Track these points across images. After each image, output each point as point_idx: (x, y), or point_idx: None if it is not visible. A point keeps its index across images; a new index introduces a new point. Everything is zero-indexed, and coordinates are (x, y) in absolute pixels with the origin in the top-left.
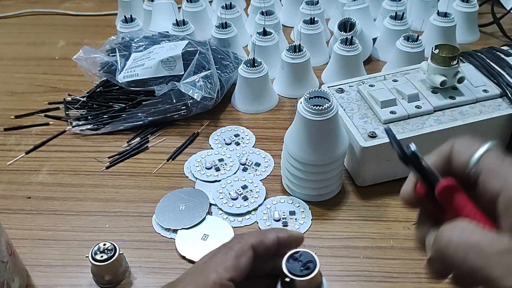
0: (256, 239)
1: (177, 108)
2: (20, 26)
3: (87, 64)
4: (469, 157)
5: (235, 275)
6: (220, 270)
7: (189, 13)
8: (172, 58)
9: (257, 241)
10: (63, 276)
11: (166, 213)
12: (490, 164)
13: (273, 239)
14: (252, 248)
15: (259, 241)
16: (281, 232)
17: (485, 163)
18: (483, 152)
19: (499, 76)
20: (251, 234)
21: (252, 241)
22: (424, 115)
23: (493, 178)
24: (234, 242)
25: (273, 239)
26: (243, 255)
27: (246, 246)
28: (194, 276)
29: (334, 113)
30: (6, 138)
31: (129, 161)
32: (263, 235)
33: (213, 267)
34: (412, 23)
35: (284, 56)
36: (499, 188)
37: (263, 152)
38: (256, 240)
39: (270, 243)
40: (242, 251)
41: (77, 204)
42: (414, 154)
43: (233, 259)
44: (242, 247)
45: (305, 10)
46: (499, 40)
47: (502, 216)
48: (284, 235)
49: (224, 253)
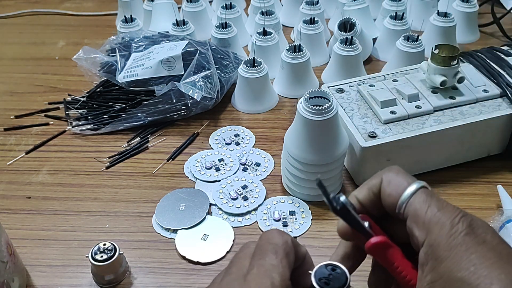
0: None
1: (177, 108)
2: (20, 26)
3: (87, 64)
4: (398, 196)
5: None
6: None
7: (189, 13)
8: (172, 58)
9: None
10: (63, 276)
11: (166, 213)
12: (417, 210)
13: (304, 252)
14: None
15: (296, 244)
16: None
17: (411, 208)
18: (411, 193)
19: (499, 76)
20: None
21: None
22: (424, 115)
23: (417, 226)
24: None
25: (303, 252)
26: (290, 254)
27: (288, 245)
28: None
29: (334, 113)
30: (6, 138)
31: (129, 161)
32: (298, 245)
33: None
34: (412, 23)
35: (284, 56)
36: (422, 240)
37: (263, 152)
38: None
39: (301, 255)
40: (286, 252)
41: (77, 204)
42: (344, 207)
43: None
44: (286, 248)
45: (305, 10)
46: (499, 40)
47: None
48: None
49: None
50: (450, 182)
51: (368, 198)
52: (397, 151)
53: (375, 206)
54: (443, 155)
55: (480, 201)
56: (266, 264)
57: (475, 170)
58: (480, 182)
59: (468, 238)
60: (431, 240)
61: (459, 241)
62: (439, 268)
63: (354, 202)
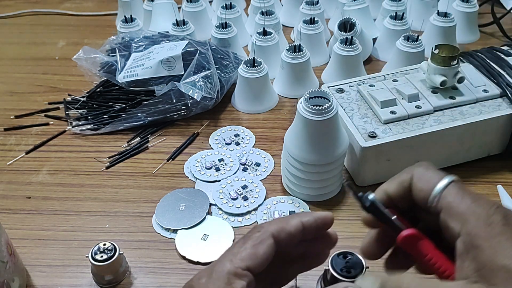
0: (277, 227)
1: (177, 108)
2: (20, 26)
3: (87, 64)
4: (429, 191)
5: (252, 264)
6: (235, 260)
7: (189, 13)
8: (172, 58)
9: (277, 228)
10: (63, 276)
11: (166, 213)
12: (450, 202)
13: (296, 225)
14: (272, 236)
15: (279, 228)
16: (306, 216)
17: (444, 201)
18: (443, 186)
19: (499, 76)
20: (271, 222)
21: (272, 229)
22: (424, 115)
23: (452, 218)
24: (253, 232)
25: (296, 225)
26: (261, 244)
27: (265, 235)
28: (209, 268)
29: (334, 113)
30: (6, 138)
31: (129, 161)
32: (284, 222)
33: (229, 257)
34: (412, 23)
35: (284, 56)
36: (458, 230)
37: (263, 152)
38: (276, 227)
39: (293, 229)
40: (260, 240)
41: (77, 204)
42: (373, 204)
43: (250, 248)
44: (260, 236)
45: (305, 10)
46: (499, 40)
47: (459, 259)
48: (309, 218)
49: (242, 243)
50: None
51: (397, 193)
52: (397, 151)
53: (404, 200)
54: (443, 155)
55: None
56: (228, 253)
57: (475, 170)
58: (480, 182)
59: (507, 228)
60: (469, 230)
61: (499, 231)
62: (482, 256)
63: (383, 196)
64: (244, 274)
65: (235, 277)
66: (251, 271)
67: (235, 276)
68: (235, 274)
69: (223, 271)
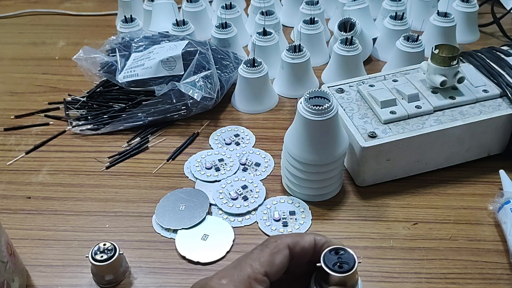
0: (292, 240)
1: (177, 108)
2: (20, 26)
3: (87, 64)
4: None
5: (270, 271)
6: (255, 265)
7: (189, 13)
8: (172, 58)
9: (293, 241)
10: (63, 276)
11: (166, 213)
12: None
13: (310, 241)
14: (288, 247)
15: (295, 242)
16: (319, 235)
17: None
18: None
19: (499, 76)
20: (287, 235)
21: (289, 241)
22: (424, 115)
23: None
24: (270, 241)
25: (310, 241)
26: (279, 253)
27: (282, 245)
28: (229, 270)
29: (334, 113)
30: (6, 138)
31: (129, 161)
32: (299, 236)
33: (249, 262)
34: (412, 23)
35: (284, 56)
36: None
37: (263, 152)
38: (292, 240)
39: (307, 244)
40: (277, 249)
41: (77, 204)
42: None
43: (268, 256)
44: (278, 245)
45: (305, 10)
46: (499, 40)
47: None
48: (321, 238)
49: (260, 250)
50: (450, 182)
51: None
52: (397, 151)
53: None
54: (443, 155)
55: (480, 201)
56: (247, 258)
57: (475, 170)
58: (480, 182)
59: None
60: None
61: None
62: None
63: None
64: (263, 280)
65: (256, 282)
66: (268, 278)
67: (255, 280)
68: (256, 279)
69: (244, 275)
